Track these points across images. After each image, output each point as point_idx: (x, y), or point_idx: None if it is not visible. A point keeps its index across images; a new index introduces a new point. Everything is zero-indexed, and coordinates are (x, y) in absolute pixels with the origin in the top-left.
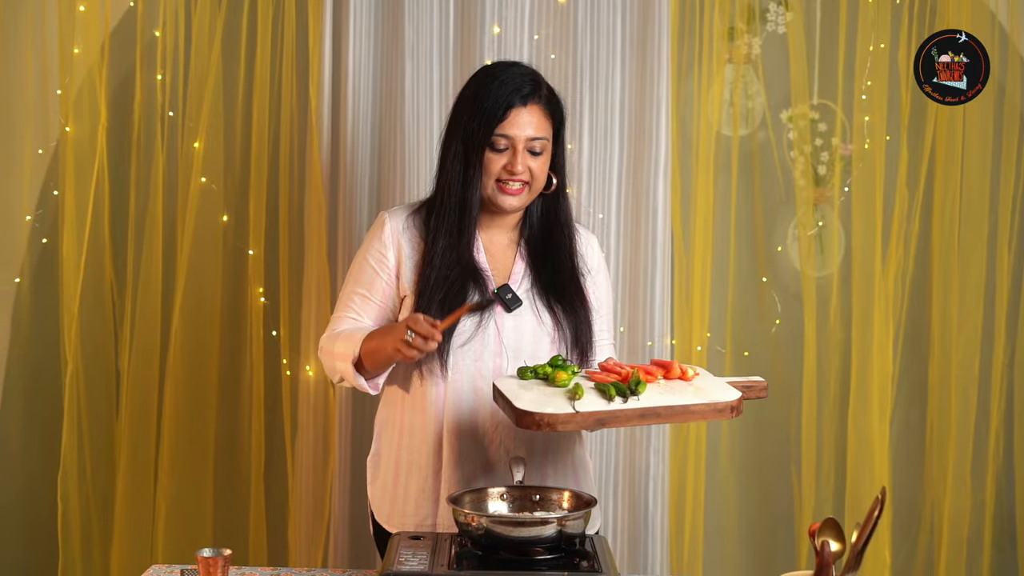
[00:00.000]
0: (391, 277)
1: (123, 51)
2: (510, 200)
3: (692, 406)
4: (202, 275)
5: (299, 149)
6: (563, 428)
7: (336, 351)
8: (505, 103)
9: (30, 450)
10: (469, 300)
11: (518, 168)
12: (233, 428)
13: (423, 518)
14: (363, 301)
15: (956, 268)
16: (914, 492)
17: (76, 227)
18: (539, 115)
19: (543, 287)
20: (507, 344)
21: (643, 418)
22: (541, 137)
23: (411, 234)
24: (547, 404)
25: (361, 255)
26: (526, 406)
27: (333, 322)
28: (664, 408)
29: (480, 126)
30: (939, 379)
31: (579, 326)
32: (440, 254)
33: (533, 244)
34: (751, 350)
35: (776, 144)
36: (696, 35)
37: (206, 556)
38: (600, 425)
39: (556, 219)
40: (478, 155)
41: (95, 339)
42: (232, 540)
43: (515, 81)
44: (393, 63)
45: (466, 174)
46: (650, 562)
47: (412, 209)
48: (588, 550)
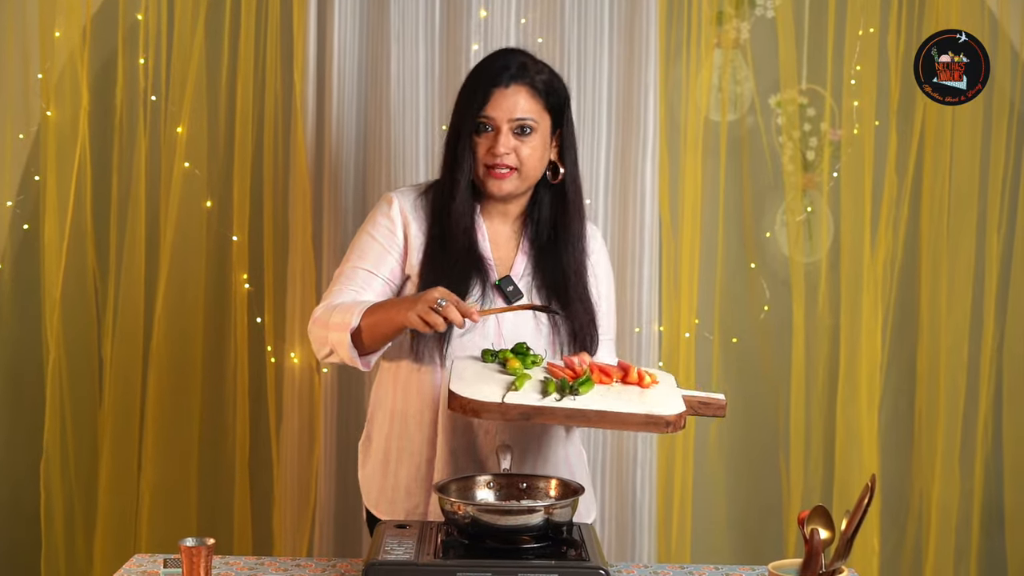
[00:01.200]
0: (399, 255)
1: (105, 34)
2: (498, 184)
3: (625, 415)
4: (185, 261)
5: (283, 134)
6: (487, 417)
7: (332, 321)
8: (488, 84)
9: (12, 438)
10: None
11: (499, 149)
12: (217, 416)
13: (414, 506)
14: (368, 277)
15: (945, 254)
16: (903, 479)
17: (58, 213)
18: (525, 96)
19: (544, 281)
20: (506, 336)
21: (570, 419)
22: (528, 118)
23: (418, 215)
24: (479, 390)
25: (365, 233)
26: (457, 388)
27: (331, 295)
28: (594, 412)
29: (465, 110)
30: (928, 365)
31: (579, 322)
32: (440, 240)
33: (537, 235)
34: (739, 336)
35: (765, 129)
36: (684, 19)
37: (189, 546)
38: (525, 419)
39: (563, 210)
40: (465, 139)
41: (77, 326)
42: (216, 529)
43: (500, 63)
44: (379, 46)
45: (455, 159)
46: (638, 550)
47: (419, 191)
48: (576, 539)
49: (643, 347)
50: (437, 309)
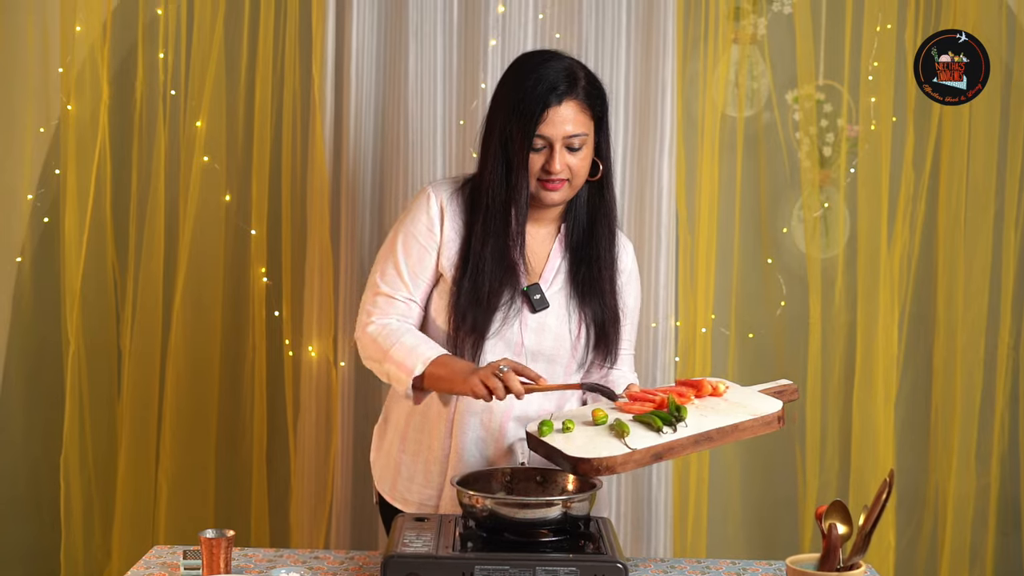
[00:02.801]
0: (436, 253)
1: (125, 29)
2: (552, 195)
3: (741, 424)
4: (204, 255)
5: (302, 128)
6: (622, 470)
7: (392, 355)
8: (541, 103)
9: (32, 431)
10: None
11: (556, 167)
12: (235, 409)
13: (426, 498)
14: (414, 279)
15: (962, 250)
16: (918, 475)
17: (78, 206)
18: (575, 110)
19: (577, 284)
20: (527, 344)
21: (697, 444)
22: (579, 134)
23: (454, 212)
24: (599, 447)
25: (406, 229)
26: (579, 453)
27: (380, 302)
28: (715, 431)
29: (518, 129)
30: (944, 361)
31: (606, 327)
32: (489, 258)
33: (575, 234)
34: (756, 332)
35: (781, 125)
36: (702, 15)
37: (209, 537)
38: (657, 459)
39: (600, 206)
40: (518, 158)
41: (97, 319)
42: (234, 521)
43: (550, 78)
44: (397, 42)
45: (508, 178)
46: (654, 544)
47: (456, 186)
48: (593, 532)
49: (660, 342)
50: (498, 375)
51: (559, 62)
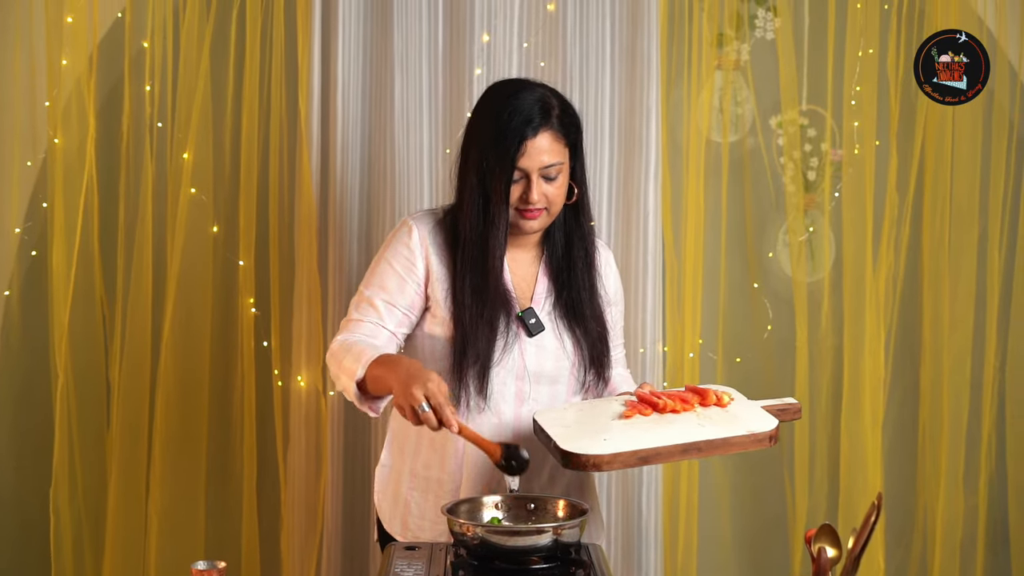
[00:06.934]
0: (419, 286)
1: (111, 62)
2: (531, 224)
3: (731, 438)
4: (192, 286)
5: (289, 159)
6: (608, 468)
7: (344, 364)
8: (518, 137)
9: (21, 463)
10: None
11: (533, 197)
12: (225, 440)
13: (438, 534)
14: (388, 308)
15: (947, 272)
16: (907, 497)
17: (65, 239)
18: (551, 140)
19: (564, 306)
20: (529, 368)
21: (685, 453)
22: (555, 163)
23: (437, 243)
24: (586, 444)
25: (384, 260)
26: (570, 447)
27: (350, 325)
28: (704, 442)
29: (495, 162)
30: (931, 383)
31: (596, 345)
32: (470, 292)
33: (555, 257)
34: (743, 356)
35: (766, 150)
36: (685, 42)
37: (200, 569)
38: (644, 463)
39: (575, 230)
40: (496, 190)
41: (85, 351)
42: (225, 552)
43: (524, 111)
44: (382, 72)
45: (486, 209)
46: (644, 569)
47: (436, 218)
48: (584, 559)
49: (647, 367)
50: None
51: (531, 93)
